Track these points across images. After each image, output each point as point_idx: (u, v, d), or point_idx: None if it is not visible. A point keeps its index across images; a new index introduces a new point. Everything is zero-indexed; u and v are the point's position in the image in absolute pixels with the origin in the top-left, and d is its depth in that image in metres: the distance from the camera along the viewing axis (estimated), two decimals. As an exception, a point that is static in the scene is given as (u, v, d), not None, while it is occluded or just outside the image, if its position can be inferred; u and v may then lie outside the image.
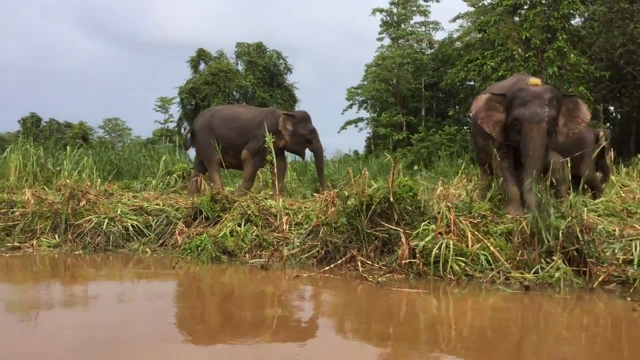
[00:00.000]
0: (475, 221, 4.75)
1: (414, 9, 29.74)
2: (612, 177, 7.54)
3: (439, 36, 30.82)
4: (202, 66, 28.77)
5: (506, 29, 19.85)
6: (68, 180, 7.34)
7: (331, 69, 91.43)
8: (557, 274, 3.95)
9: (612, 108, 24.29)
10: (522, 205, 5.08)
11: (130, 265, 5.27)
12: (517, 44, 19.54)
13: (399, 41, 29.74)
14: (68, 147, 10.11)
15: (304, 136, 8.23)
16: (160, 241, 5.91)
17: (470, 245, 4.36)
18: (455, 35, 30.32)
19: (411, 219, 4.83)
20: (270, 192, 7.46)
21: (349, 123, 32.84)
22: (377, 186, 5.04)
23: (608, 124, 23.25)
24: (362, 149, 31.40)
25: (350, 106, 32.73)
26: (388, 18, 29.53)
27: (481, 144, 6.01)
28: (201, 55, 28.69)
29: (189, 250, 5.30)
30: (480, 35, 22.58)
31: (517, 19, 20.79)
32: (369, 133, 32.79)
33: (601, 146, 7.55)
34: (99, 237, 5.84)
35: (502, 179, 5.40)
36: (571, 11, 19.15)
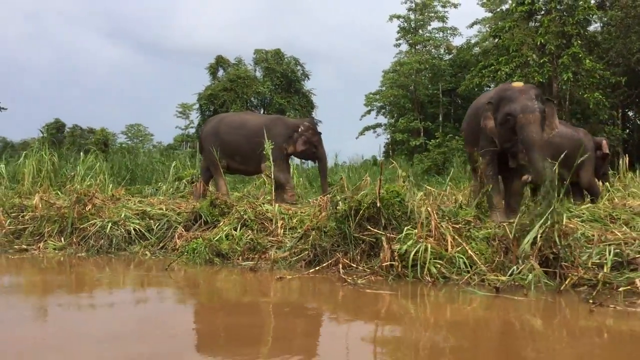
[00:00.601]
0: (458, 226, 4.89)
1: (432, 14, 29.84)
2: (607, 184, 7.59)
3: (457, 42, 30.87)
4: (220, 73, 29.15)
5: (521, 34, 19.86)
6: (77, 186, 7.58)
7: (353, 74, 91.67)
8: (530, 277, 4.08)
9: (631, 113, 24.12)
10: (506, 212, 5.20)
11: (126, 266, 5.52)
12: (531, 50, 19.56)
13: (417, 47, 29.84)
14: (82, 153, 10.41)
15: (312, 143, 8.42)
16: (161, 244, 6.13)
17: (449, 248, 4.50)
18: (473, 41, 30.33)
19: (398, 224, 4.97)
20: (269, 197, 7.60)
21: (367, 129, 33.03)
22: (365, 192, 5.19)
23: (627, 130, 23.08)
24: (380, 155, 31.52)
25: (369, 112, 32.92)
26: (405, 24, 29.64)
27: (469, 151, 6.15)
28: (220, 62, 29.06)
29: (185, 253, 5.51)
30: (495, 41, 22.59)
31: (532, 24, 20.78)
32: (387, 139, 32.94)
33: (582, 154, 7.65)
34: (102, 240, 6.08)
35: (487, 186, 5.52)
36: (587, 17, 19.08)
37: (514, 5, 20.56)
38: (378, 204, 4.93)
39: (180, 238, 6.00)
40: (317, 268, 4.78)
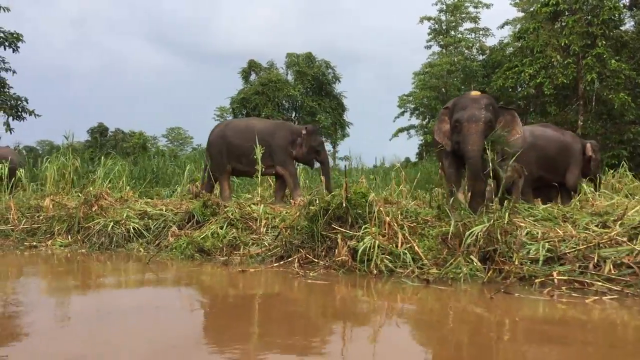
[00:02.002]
0: (412, 224, 5.26)
1: (464, 15, 29.87)
2: (583, 185, 7.78)
3: (489, 42, 30.77)
4: (252, 77, 29.81)
5: (545, 35, 19.81)
6: (90, 188, 8.19)
7: (391, 75, 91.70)
8: (465, 270, 4.44)
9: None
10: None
11: (118, 260, 6.08)
12: (556, 51, 19.49)
13: (448, 48, 29.91)
14: (102, 157, 11.09)
15: (313, 148, 8.86)
16: (157, 242, 6.65)
17: (400, 245, 4.88)
18: (505, 41, 30.21)
19: (365, 223, 5.35)
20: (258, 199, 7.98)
21: (400, 130, 33.20)
22: (334, 193, 5.61)
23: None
24: (414, 156, 31.69)
25: (402, 113, 33.07)
26: (436, 26, 29.76)
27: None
28: (252, 66, 29.72)
29: (173, 250, 6.03)
30: (520, 43, 22.54)
31: (557, 26, 20.68)
32: (421, 140, 33.04)
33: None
34: (103, 238, 6.65)
35: (448, 186, 5.89)
36: (612, 17, 18.89)
37: (538, 6, 20.54)
38: (344, 204, 5.33)
39: (173, 236, 6.50)
40: (281, 262, 5.22)
